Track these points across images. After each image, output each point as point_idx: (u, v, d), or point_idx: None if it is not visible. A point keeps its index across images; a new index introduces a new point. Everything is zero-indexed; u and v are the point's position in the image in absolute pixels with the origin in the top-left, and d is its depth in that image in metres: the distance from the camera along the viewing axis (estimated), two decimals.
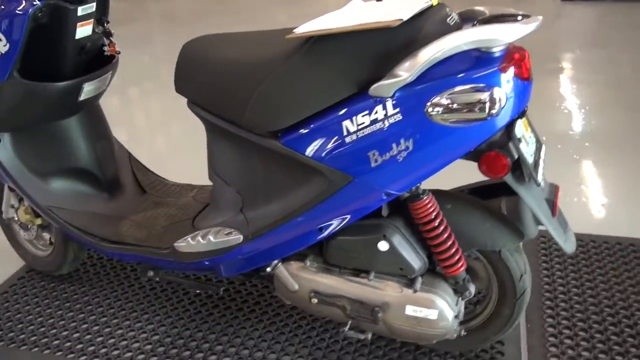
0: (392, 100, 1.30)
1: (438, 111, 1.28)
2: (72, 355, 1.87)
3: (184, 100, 1.64)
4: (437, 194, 1.55)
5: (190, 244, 1.65)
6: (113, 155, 2.10)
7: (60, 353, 1.89)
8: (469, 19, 1.44)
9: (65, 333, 1.97)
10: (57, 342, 1.93)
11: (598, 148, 3.07)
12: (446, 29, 1.35)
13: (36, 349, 1.92)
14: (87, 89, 1.89)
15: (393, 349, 1.79)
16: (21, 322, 2.04)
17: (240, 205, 1.62)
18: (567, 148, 3.10)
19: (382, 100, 1.31)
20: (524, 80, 1.30)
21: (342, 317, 1.59)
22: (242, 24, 6.18)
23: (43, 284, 2.24)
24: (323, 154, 1.39)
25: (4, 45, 1.69)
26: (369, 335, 1.61)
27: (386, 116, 1.31)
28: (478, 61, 1.27)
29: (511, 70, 1.27)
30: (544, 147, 1.50)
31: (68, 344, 1.92)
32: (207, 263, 1.66)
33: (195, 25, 6.38)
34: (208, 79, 1.53)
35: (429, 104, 1.28)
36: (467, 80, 1.26)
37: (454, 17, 1.41)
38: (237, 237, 1.59)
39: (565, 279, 2.05)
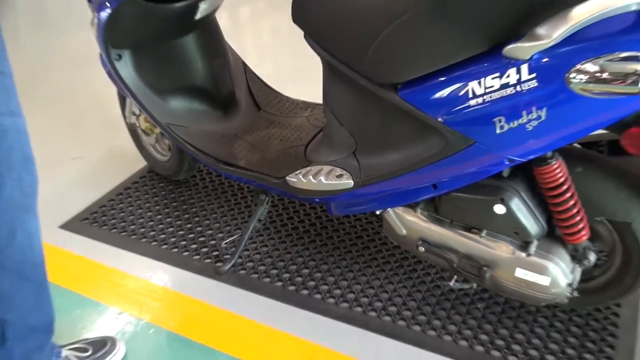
0: (529, 64, 1.16)
1: (581, 79, 1.12)
2: (175, 250, 2.01)
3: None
4: (568, 153, 1.40)
5: (302, 180, 1.66)
6: (229, 71, 2.09)
7: (165, 246, 2.02)
8: None
9: (170, 229, 2.10)
10: (163, 236, 2.07)
11: None
12: None
13: (144, 239, 2.06)
14: (203, 8, 1.87)
15: (496, 302, 1.73)
16: (136, 215, 2.18)
17: (353, 148, 1.59)
18: None
19: (517, 63, 1.17)
20: None
21: (448, 268, 1.57)
22: None
23: (162, 185, 2.36)
24: (443, 114, 1.30)
25: None
26: (475, 285, 1.58)
27: (519, 81, 1.18)
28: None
29: None
30: None
31: (172, 239, 2.05)
32: (317, 200, 1.68)
33: None
34: (329, 16, 1.43)
35: (573, 70, 1.12)
36: (626, 45, 1.07)
37: None
38: (347, 182, 1.58)
39: None
